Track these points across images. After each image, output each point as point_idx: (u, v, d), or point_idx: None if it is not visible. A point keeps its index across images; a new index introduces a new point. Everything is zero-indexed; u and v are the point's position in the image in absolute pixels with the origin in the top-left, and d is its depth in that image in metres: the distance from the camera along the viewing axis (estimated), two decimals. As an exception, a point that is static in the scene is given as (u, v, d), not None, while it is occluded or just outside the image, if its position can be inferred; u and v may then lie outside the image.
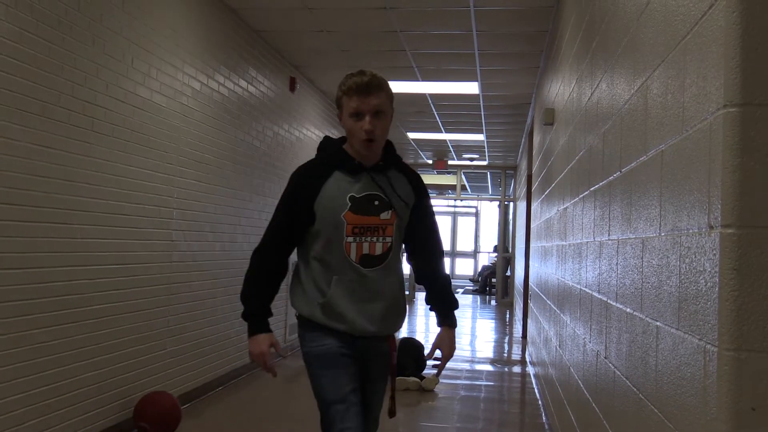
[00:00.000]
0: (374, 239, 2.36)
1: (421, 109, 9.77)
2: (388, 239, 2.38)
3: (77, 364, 3.86)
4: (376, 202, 2.37)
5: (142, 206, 4.51)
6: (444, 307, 2.59)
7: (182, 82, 5.05)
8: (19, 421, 3.40)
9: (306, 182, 2.38)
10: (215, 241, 5.66)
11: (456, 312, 2.61)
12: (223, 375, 5.92)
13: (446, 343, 2.55)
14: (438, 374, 2.70)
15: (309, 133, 8.35)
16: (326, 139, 2.50)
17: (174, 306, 5.00)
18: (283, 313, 7.26)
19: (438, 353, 2.57)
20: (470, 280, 22.02)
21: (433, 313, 2.62)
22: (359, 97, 2.28)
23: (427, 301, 2.61)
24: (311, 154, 2.62)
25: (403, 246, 2.58)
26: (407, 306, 2.72)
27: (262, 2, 5.69)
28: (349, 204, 2.33)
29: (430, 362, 6.19)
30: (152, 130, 4.62)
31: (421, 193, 2.52)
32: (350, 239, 2.33)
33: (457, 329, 2.62)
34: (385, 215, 2.37)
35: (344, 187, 2.35)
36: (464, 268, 23.72)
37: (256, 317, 2.41)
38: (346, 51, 6.98)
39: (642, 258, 1.85)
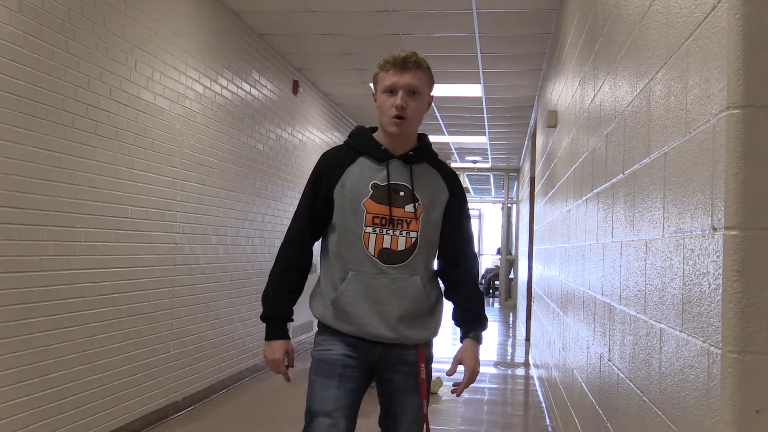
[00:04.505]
0: (396, 232, 2.15)
1: (423, 112, 9.76)
2: (413, 234, 2.17)
3: (81, 367, 3.86)
4: (402, 193, 2.18)
5: (146, 209, 4.52)
6: (472, 319, 2.30)
7: (185, 86, 5.06)
8: (24, 424, 3.41)
9: (329, 166, 2.23)
10: (218, 244, 5.66)
11: (484, 333, 2.33)
12: (226, 378, 5.92)
13: (470, 356, 2.25)
14: (458, 393, 2.27)
15: (312, 136, 8.35)
16: (358, 126, 2.35)
17: (177, 309, 5.01)
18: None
19: (460, 368, 2.27)
20: (473, 282, 21.99)
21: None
22: (395, 72, 2.14)
23: (454, 315, 2.32)
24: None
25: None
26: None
27: (264, 5, 5.70)
28: (371, 191, 2.16)
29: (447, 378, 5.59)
30: (155, 134, 4.63)
31: (456, 192, 2.29)
32: (369, 230, 2.14)
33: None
34: (410, 208, 2.17)
35: (368, 174, 2.19)
36: (467, 270, 23.63)
37: (273, 321, 2.26)
38: (348, 54, 6.98)
39: (645, 260, 1.85)
